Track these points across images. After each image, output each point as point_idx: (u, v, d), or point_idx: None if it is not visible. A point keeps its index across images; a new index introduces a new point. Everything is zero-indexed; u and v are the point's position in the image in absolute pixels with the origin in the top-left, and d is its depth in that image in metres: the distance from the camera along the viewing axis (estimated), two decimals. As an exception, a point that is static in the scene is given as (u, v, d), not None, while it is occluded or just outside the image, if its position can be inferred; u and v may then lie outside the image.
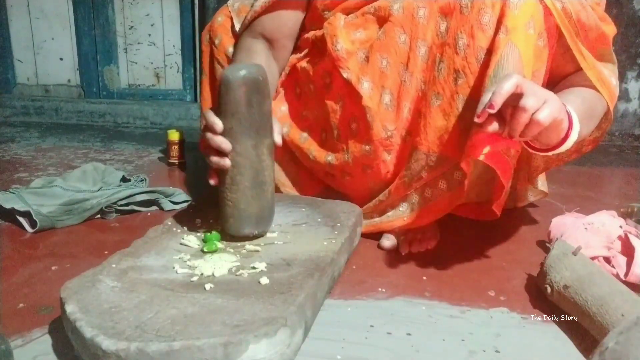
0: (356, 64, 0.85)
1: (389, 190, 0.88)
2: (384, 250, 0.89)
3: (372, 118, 0.84)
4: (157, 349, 0.47)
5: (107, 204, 0.99)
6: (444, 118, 0.78)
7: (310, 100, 0.95)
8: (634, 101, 2.07)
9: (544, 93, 0.63)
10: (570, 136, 0.68)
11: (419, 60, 0.81)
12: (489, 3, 0.73)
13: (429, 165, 0.81)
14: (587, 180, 1.46)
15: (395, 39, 0.82)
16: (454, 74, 0.76)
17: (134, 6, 2.12)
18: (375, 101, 0.84)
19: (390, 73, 0.83)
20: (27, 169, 1.35)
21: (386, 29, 0.83)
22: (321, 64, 0.90)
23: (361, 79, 0.85)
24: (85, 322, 0.51)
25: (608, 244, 0.82)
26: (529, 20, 0.71)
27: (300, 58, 0.95)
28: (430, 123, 0.79)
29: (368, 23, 0.86)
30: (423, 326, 0.66)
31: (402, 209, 0.88)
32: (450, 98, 0.77)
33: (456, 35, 0.75)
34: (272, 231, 0.78)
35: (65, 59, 2.17)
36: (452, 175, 0.81)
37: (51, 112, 2.13)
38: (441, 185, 0.83)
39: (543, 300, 0.72)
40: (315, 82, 0.92)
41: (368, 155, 0.87)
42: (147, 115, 2.12)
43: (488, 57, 0.73)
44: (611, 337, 0.52)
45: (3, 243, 0.88)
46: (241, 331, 0.50)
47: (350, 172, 0.91)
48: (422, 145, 0.80)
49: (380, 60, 0.83)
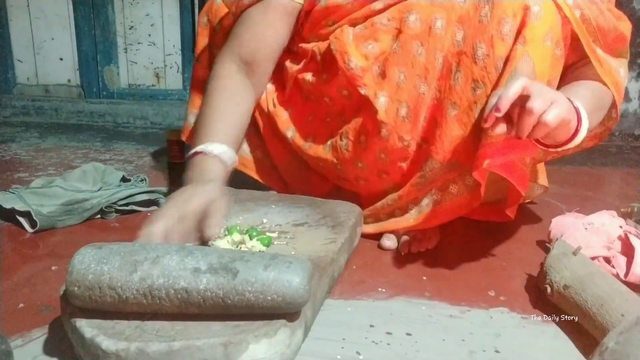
0: (372, 79, 0.83)
1: (399, 195, 0.87)
2: (384, 250, 0.89)
3: (387, 132, 0.82)
4: (157, 349, 0.47)
5: (107, 204, 0.99)
6: (460, 128, 0.78)
7: (319, 109, 0.93)
8: (634, 101, 2.08)
9: (551, 94, 0.63)
10: (580, 132, 0.68)
11: (436, 70, 0.79)
12: (510, 13, 0.72)
13: (443, 171, 0.81)
14: (587, 180, 1.46)
15: (413, 51, 0.80)
16: (472, 84, 0.76)
17: (134, 6, 2.11)
18: (392, 115, 0.82)
19: (406, 86, 0.81)
20: (27, 169, 1.35)
21: (402, 41, 0.81)
22: (334, 80, 0.87)
23: (378, 94, 0.83)
24: (85, 322, 0.51)
25: (608, 244, 0.82)
26: (547, 32, 0.71)
27: (300, 70, 0.92)
28: (446, 132, 0.79)
29: (379, 34, 0.83)
30: (423, 326, 0.66)
31: (412, 211, 0.87)
32: (467, 108, 0.77)
33: (475, 45, 0.74)
34: (272, 231, 0.78)
35: (65, 59, 2.17)
36: (463, 180, 0.81)
37: (51, 112, 2.13)
38: (452, 189, 0.83)
39: (543, 300, 0.72)
40: (330, 95, 0.90)
41: (384, 162, 0.86)
42: (147, 115, 2.11)
43: (505, 66, 0.73)
44: (611, 337, 0.52)
45: (3, 243, 0.88)
46: (241, 331, 0.50)
47: (365, 177, 0.90)
48: (438, 154, 0.80)
49: (397, 74, 0.81)
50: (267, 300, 0.51)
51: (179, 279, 0.51)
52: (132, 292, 0.51)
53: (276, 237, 0.77)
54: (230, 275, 0.52)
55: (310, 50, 0.90)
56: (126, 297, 0.51)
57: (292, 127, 0.96)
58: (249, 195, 0.90)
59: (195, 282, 0.51)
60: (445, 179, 0.83)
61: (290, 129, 0.96)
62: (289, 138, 0.95)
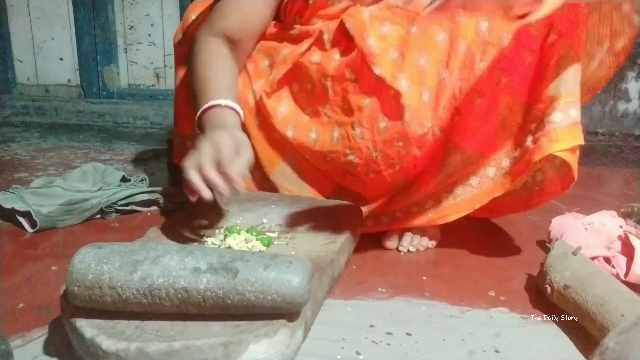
0: (388, 61, 0.82)
1: (416, 187, 0.86)
2: (384, 250, 0.89)
3: (411, 116, 0.81)
4: (157, 349, 0.47)
5: (107, 204, 0.99)
6: (484, 117, 0.78)
7: (322, 97, 0.89)
8: (634, 101, 2.08)
9: None
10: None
11: (458, 58, 0.79)
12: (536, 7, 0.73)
13: (464, 163, 0.81)
14: (587, 180, 1.46)
15: (434, 37, 0.80)
16: (497, 74, 0.77)
17: (134, 6, 2.12)
18: (415, 99, 0.81)
19: (429, 71, 0.80)
20: (27, 169, 1.35)
21: (421, 25, 0.81)
22: (343, 60, 0.85)
23: (397, 76, 0.81)
24: (85, 322, 0.51)
25: (608, 244, 0.82)
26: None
27: (303, 52, 0.89)
28: (469, 121, 0.79)
29: (396, 17, 0.83)
30: (423, 326, 0.66)
31: (430, 208, 0.87)
32: (492, 97, 0.78)
33: (501, 36, 0.76)
34: (272, 231, 0.78)
35: (65, 59, 2.17)
36: (485, 172, 0.82)
37: (51, 112, 2.13)
38: (472, 181, 0.83)
39: (543, 300, 0.72)
40: (335, 79, 0.87)
41: (400, 150, 0.83)
42: (147, 115, 2.12)
43: (533, 57, 0.75)
44: (611, 337, 0.52)
45: (3, 243, 0.88)
46: (241, 331, 0.50)
47: (376, 169, 0.87)
48: (461, 143, 0.80)
49: (417, 58, 0.81)
50: (267, 300, 0.51)
51: (179, 278, 0.51)
52: (132, 292, 0.51)
53: (276, 237, 0.77)
54: (230, 275, 0.52)
55: (317, 30, 0.88)
56: (126, 297, 0.51)
57: (291, 124, 0.92)
58: (249, 195, 0.90)
59: (195, 282, 0.51)
60: (466, 172, 0.82)
61: (290, 128, 0.92)
62: (290, 137, 0.91)
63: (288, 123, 0.91)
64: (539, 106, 0.76)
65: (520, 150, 0.78)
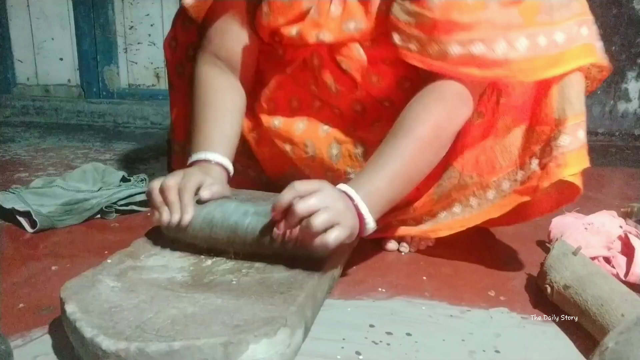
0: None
1: (413, 207, 0.84)
2: (384, 250, 0.89)
3: None
4: (157, 349, 0.47)
5: (107, 204, 0.99)
6: (482, 137, 0.78)
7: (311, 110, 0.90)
8: (634, 101, 2.07)
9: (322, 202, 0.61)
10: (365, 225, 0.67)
11: None
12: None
13: (460, 184, 0.80)
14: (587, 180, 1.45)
15: None
16: (496, 93, 0.76)
17: (134, 6, 2.12)
18: None
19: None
20: (27, 169, 1.35)
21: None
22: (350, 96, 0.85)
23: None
24: (85, 322, 0.51)
25: (608, 244, 0.82)
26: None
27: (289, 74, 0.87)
28: (468, 141, 0.79)
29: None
30: (423, 326, 0.66)
31: (426, 222, 0.86)
32: (491, 117, 0.77)
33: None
34: (272, 231, 0.79)
35: (65, 59, 2.17)
36: (485, 194, 0.80)
37: (51, 112, 2.13)
38: (472, 202, 0.82)
39: (543, 300, 0.72)
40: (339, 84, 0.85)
41: None
42: (147, 115, 2.12)
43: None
44: (611, 337, 0.52)
45: (3, 243, 0.88)
46: (241, 331, 0.50)
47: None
48: (457, 163, 0.80)
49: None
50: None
51: (232, 215, 0.67)
52: (199, 222, 0.67)
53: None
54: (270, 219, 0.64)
55: (301, 59, 0.85)
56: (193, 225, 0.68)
57: (279, 115, 0.91)
58: (249, 195, 0.90)
59: (242, 220, 0.66)
60: (464, 194, 0.81)
61: (278, 117, 0.91)
62: (289, 152, 0.91)
63: (288, 137, 0.91)
64: (543, 128, 0.74)
65: (523, 174, 0.76)
